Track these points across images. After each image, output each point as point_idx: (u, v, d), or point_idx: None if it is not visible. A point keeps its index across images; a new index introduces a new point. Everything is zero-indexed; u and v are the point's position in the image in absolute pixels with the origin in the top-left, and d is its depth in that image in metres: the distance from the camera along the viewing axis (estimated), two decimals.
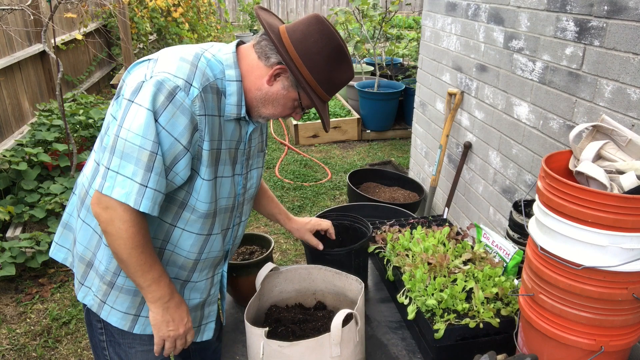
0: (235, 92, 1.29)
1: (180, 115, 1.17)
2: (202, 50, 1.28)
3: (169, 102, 1.16)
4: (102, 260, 1.35)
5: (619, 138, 1.28)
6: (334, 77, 1.30)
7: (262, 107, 1.33)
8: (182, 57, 1.23)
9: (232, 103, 1.29)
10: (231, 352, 1.59)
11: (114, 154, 1.17)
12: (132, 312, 1.39)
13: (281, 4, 14.25)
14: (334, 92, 1.34)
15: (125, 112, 1.17)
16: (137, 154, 1.15)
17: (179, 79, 1.18)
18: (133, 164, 1.15)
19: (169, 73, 1.18)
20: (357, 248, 1.72)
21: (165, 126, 1.16)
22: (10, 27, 4.34)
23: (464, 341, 1.44)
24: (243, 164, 1.43)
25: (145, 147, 1.15)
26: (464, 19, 3.17)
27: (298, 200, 4.43)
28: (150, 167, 1.16)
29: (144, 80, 1.17)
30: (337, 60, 1.28)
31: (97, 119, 4.24)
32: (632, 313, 1.18)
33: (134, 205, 1.16)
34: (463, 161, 3.26)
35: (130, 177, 1.15)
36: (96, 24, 7.04)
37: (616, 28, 1.92)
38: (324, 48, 1.26)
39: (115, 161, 1.16)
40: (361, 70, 6.69)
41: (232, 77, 1.28)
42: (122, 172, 1.16)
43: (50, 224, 3.46)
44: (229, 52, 1.30)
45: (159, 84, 1.16)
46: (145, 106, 1.15)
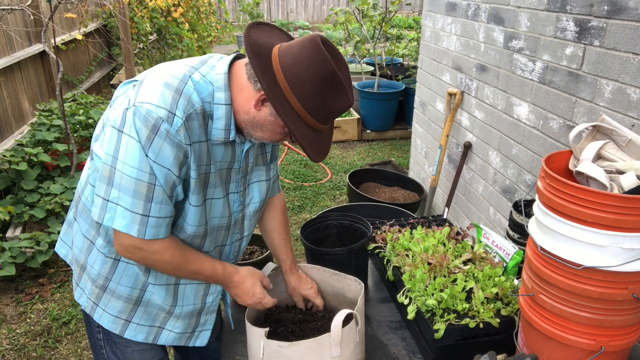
0: (223, 116, 1.23)
1: (167, 147, 1.14)
2: (191, 71, 1.21)
3: (154, 134, 1.12)
4: (93, 265, 1.36)
5: (619, 138, 1.28)
6: (327, 105, 1.21)
7: (252, 130, 1.27)
8: (166, 82, 1.16)
9: (219, 127, 1.23)
10: (231, 352, 1.59)
11: (112, 185, 1.16)
12: (123, 317, 1.39)
13: (281, 4, 14.25)
14: (329, 120, 1.25)
15: (117, 143, 1.14)
16: (135, 186, 1.14)
17: (161, 109, 1.12)
18: (131, 196, 1.15)
19: (151, 103, 1.13)
20: (357, 248, 1.72)
21: (155, 160, 1.14)
22: (10, 27, 4.34)
23: (464, 341, 1.44)
24: (239, 182, 1.40)
25: (142, 179, 1.14)
26: (464, 19, 3.17)
27: (298, 200, 4.43)
28: (150, 198, 1.16)
29: (127, 108, 1.14)
30: (330, 88, 1.18)
31: (97, 119, 4.24)
32: (632, 313, 1.18)
33: (138, 235, 1.18)
34: (463, 161, 3.26)
35: (129, 209, 1.16)
36: (96, 24, 7.04)
37: (616, 28, 1.92)
38: (316, 75, 1.16)
39: (114, 193, 1.16)
40: (361, 70, 6.69)
41: (220, 100, 1.22)
42: (121, 204, 1.16)
43: (50, 224, 3.46)
44: (221, 73, 1.22)
45: (141, 115, 1.12)
46: (134, 138, 1.12)
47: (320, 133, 1.27)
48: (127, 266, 1.35)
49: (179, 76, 1.19)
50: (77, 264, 1.42)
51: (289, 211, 4.22)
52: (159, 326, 1.43)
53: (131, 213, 1.16)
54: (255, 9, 10.82)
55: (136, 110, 1.12)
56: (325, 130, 1.30)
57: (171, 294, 1.40)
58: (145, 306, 1.39)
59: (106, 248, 1.34)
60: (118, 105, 1.20)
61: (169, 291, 1.40)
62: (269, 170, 1.50)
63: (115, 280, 1.36)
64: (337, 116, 1.26)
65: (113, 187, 1.16)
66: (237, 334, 1.65)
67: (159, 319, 1.43)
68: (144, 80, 1.20)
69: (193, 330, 1.49)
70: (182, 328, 1.46)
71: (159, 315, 1.42)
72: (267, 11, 13.95)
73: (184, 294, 1.43)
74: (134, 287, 1.37)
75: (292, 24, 13.41)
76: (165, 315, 1.43)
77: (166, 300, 1.40)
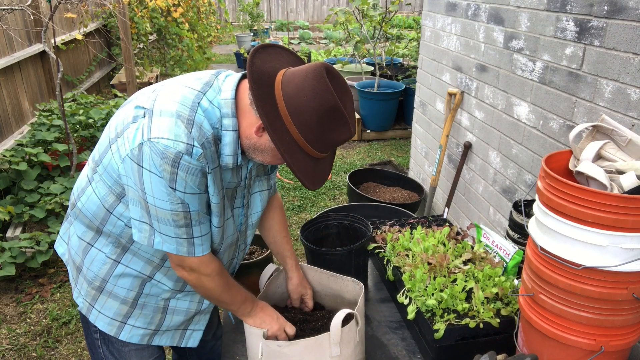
0: (231, 142, 1.23)
1: (191, 177, 1.16)
2: (199, 97, 1.20)
3: (177, 169, 1.13)
4: (90, 267, 1.37)
5: (619, 138, 1.28)
6: (328, 136, 1.20)
7: (253, 153, 1.28)
8: (177, 112, 1.15)
9: (227, 153, 1.24)
10: (231, 352, 1.59)
11: (150, 216, 1.19)
12: (119, 319, 1.40)
13: (281, 3, 14.26)
14: (329, 150, 1.25)
15: (141, 178, 1.15)
16: (172, 217, 1.18)
17: (179, 143, 1.12)
18: (172, 226, 1.20)
19: (168, 139, 1.12)
20: (357, 248, 1.72)
21: (185, 191, 1.16)
22: (10, 27, 4.34)
23: (464, 341, 1.44)
24: (243, 197, 1.42)
25: (177, 210, 1.18)
26: (464, 19, 3.17)
27: (298, 200, 4.43)
28: (190, 223, 1.21)
29: (142, 142, 1.13)
30: (331, 121, 1.18)
31: (97, 119, 4.24)
32: (632, 313, 1.18)
33: (189, 255, 1.24)
34: (463, 161, 3.26)
35: (174, 237, 1.21)
36: (96, 24, 7.04)
37: (616, 28, 1.92)
38: (317, 107, 1.15)
39: (155, 223, 1.20)
40: (361, 70, 6.69)
41: (228, 127, 1.22)
42: (165, 232, 1.20)
43: (50, 224, 3.46)
44: (228, 98, 1.21)
45: (159, 151, 1.11)
46: (156, 173, 1.13)
47: (320, 161, 1.27)
48: (126, 269, 1.35)
49: (188, 104, 1.18)
50: (73, 265, 1.43)
51: (289, 211, 4.22)
52: (154, 329, 1.44)
53: (176, 239, 1.22)
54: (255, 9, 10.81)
55: (152, 145, 1.12)
56: (326, 157, 1.30)
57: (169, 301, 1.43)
58: (141, 309, 1.40)
59: (107, 248, 1.34)
60: (130, 135, 1.17)
61: (168, 293, 1.42)
62: (270, 179, 1.52)
63: (113, 282, 1.36)
64: (337, 146, 1.26)
65: (152, 219, 1.19)
66: (237, 334, 1.65)
67: (155, 322, 1.43)
68: (154, 110, 1.17)
69: (185, 328, 1.50)
70: (176, 324, 1.48)
71: (154, 317, 1.43)
72: (267, 11, 13.95)
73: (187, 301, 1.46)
74: (130, 290, 1.37)
75: (292, 24, 13.41)
76: (161, 315, 1.43)
77: (164, 294, 1.42)
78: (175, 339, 1.49)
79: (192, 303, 1.47)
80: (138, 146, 1.14)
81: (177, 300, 1.44)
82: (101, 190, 1.28)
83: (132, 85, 6.22)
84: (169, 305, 1.44)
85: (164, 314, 1.44)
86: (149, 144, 1.12)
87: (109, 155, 1.24)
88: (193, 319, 1.51)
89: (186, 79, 1.26)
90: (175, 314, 1.46)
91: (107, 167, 1.24)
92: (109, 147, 1.25)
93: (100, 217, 1.30)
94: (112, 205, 1.27)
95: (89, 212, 1.32)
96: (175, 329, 1.48)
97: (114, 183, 1.25)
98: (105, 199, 1.28)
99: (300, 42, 11.48)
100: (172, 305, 1.44)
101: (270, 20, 13.66)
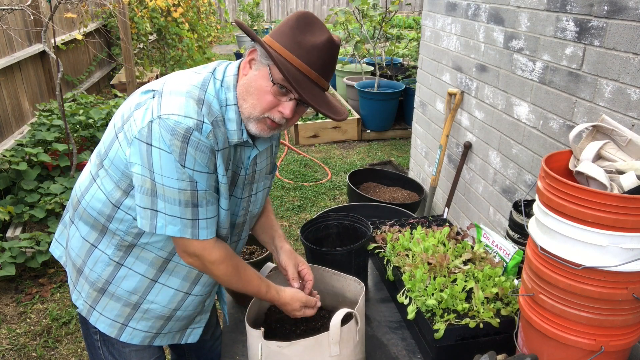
0: (233, 117, 1.25)
1: (200, 153, 1.17)
2: (209, 77, 1.25)
3: (186, 145, 1.14)
4: (93, 268, 1.36)
5: (619, 138, 1.28)
6: (305, 40, 1.19)
7: (244, 103, 1.24)
8: (188, 91, 1.19)
9: (232, 128, 1.25)
10: (231, 352, 1.59)
11: (156, 197, 1.18)
12: (120, 321, 1.40)
13: (281, 3, 14.25)
14: (308, 56, 1.19)
15: (149, 156, 1.15)
16: (179, 195, 1.18)
17: (189, 118, 1.14)
18: (178, 205, 1.19)
19: (178, 114, 1.14)
20: (357, 248, 1.72)
21: (194, 168, 1.17)
22: (10, 27, 4.34)
23: (464, 341, 1.44)
24: (244, 188, 1.41)
25: (184, 188, 1.17)
26: (464, 19, 3.17)
27: (298, 200, 4.43)
28: (196, 203, 1.20)
29: (152, 119, 1.14)
30: (306, 25, 1.20)
31: (97, 119, 4.24)
32: (632, 313, 1.18)
33: (192, 237, 1.22)
34: (463, 161, 3.26)
35: (179, 217, 1.19)
36: (96, 24, 7.04)
37: (616, 28, 1.92)
38: (291, 18, 1.22)
39: (160, 204, 1.19)
40: (361, 70, 6.68)
41: (230, 101, 1.24)
42: (170, 212, 1.19)
43: (50, 224, 3.46)
44: (231, 74, 1.26)
45: (169, 127, 1.13)
46: (166, 150, 1.14)
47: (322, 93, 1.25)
48: (129, 272, 1.35)
49: (198, 84, 1.22)
50: (73, 267, 1.42)
51: (288, 211, 4.23)
52: (156, 332, 1.44)
53: (181, 219, 1.20)
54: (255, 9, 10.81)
55: (162, 122, 1.13)
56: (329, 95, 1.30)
57: (177, 300, 1.41)
58: (143, 312, 1.40)
59: (110, 249, 1.33)
60: (138, 116, 1.18)
61: (176, 296, 1.41)
62: (272, 177, 1.55)
63: (116, 284, 1.36)
64: (316, 50, 1.20)
65: (158, 199, 1.18)
66: (237, 334, 1.65)
67: (157, 326, 1.43)
68: (163, 91, 1.20)
69: (186, 328, 1.50)
70: (177, 328, 1.48)
71: (156, 323, 1.42)
72: (267, 11, 13.95)
73: (192, 302, 1.45)
74: (133, 293, 1.37)
75: None
76: (164, 322, 1.43)
77: (170, 304, 1.40)
78: (176, 338, 1.50)
79: (198, 306, 1.47)
80: (147, 125, 1.15)
81: (183, 311, 1.44)
82: (107, 186, 1.28)
83: (132, 85, 6.23)
84: (174, 315, 1.43)
85: (168, 321, 1.43)
86: (159, 121, 1.13)
87: (115, 145, 1.24)
88: (194, 319, 1.51)
89: (192, 69, 1.30)
90: (179, 320, 1.46)
91: (114, 159, 1.25)
92: (115, 137, 1.25)
93: (106, 214, 1.30)
94: (119, 200, 1.27)
95: (94, 210, 1.31)
96: (177, 331, 1.49)
97: (121, 176, 1.25)
98: (112, 194, 1.27)
99: None
100: (179, 314, 1.44)
101: (270, 20, 13.66)
